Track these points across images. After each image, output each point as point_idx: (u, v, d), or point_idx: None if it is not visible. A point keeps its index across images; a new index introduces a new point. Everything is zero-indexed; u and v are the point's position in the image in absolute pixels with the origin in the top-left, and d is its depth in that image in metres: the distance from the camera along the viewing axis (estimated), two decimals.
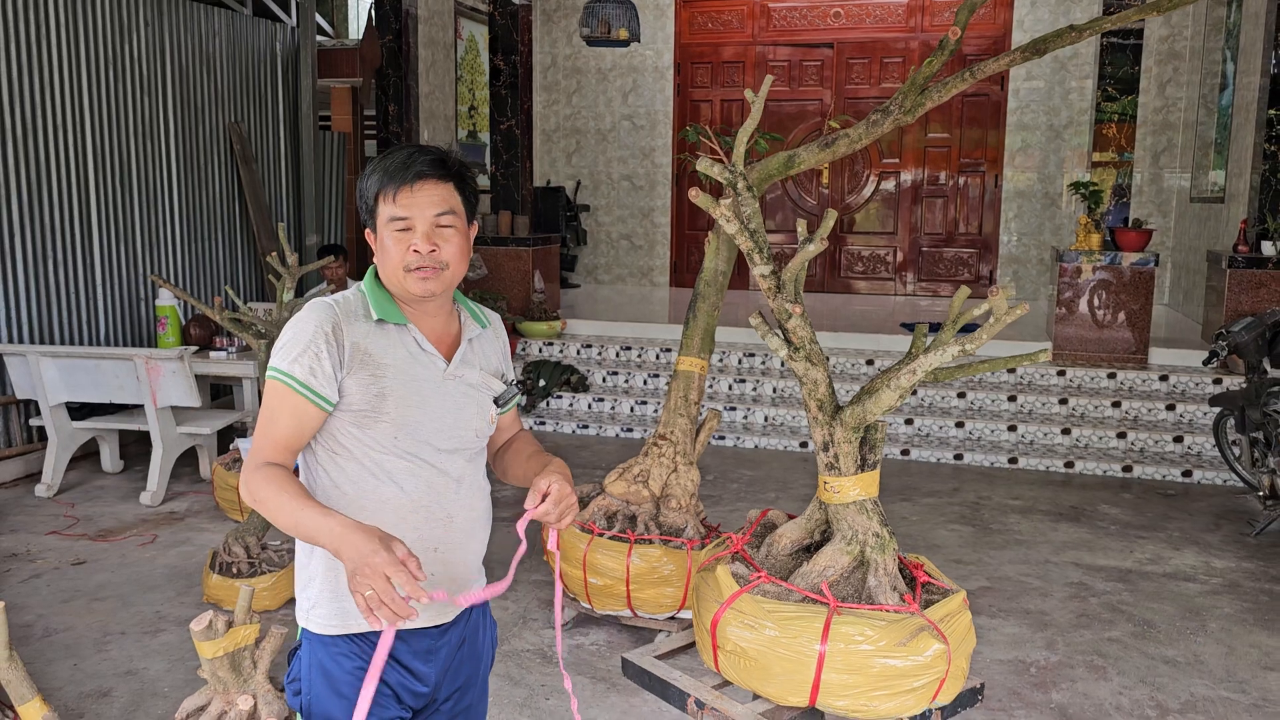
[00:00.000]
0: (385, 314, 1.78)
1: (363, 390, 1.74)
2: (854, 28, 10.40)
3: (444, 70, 10.01)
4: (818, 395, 2.28)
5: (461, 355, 1.85)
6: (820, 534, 2.41)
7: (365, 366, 1.74)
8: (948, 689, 2.21)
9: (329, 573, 1.79)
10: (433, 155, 1.78)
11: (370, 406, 1.74)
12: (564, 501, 1.74)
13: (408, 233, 1.75)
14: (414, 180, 1.74)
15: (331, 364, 1.72)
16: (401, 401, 1.76)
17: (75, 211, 6.29)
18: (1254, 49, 7.46)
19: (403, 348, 1.79)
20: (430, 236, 1.75)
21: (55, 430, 5.62)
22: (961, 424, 6.87)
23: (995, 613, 4.26)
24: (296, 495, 1.64)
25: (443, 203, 1.76)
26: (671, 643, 2.53)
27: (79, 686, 3.53)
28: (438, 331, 1.85)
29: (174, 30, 7.02)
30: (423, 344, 1.80)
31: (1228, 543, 5.16)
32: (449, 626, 1.88)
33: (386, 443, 1.76)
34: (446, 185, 1.77)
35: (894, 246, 10.67)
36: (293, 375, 1.70)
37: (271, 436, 1.72)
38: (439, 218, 1.75)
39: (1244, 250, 7.07)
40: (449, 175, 1.78)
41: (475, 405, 1.85)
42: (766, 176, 3.93)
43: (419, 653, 1.84)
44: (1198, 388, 6.84)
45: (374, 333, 1.77)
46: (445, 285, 1.78)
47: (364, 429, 1.75)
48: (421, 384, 1.79)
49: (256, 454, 1.73)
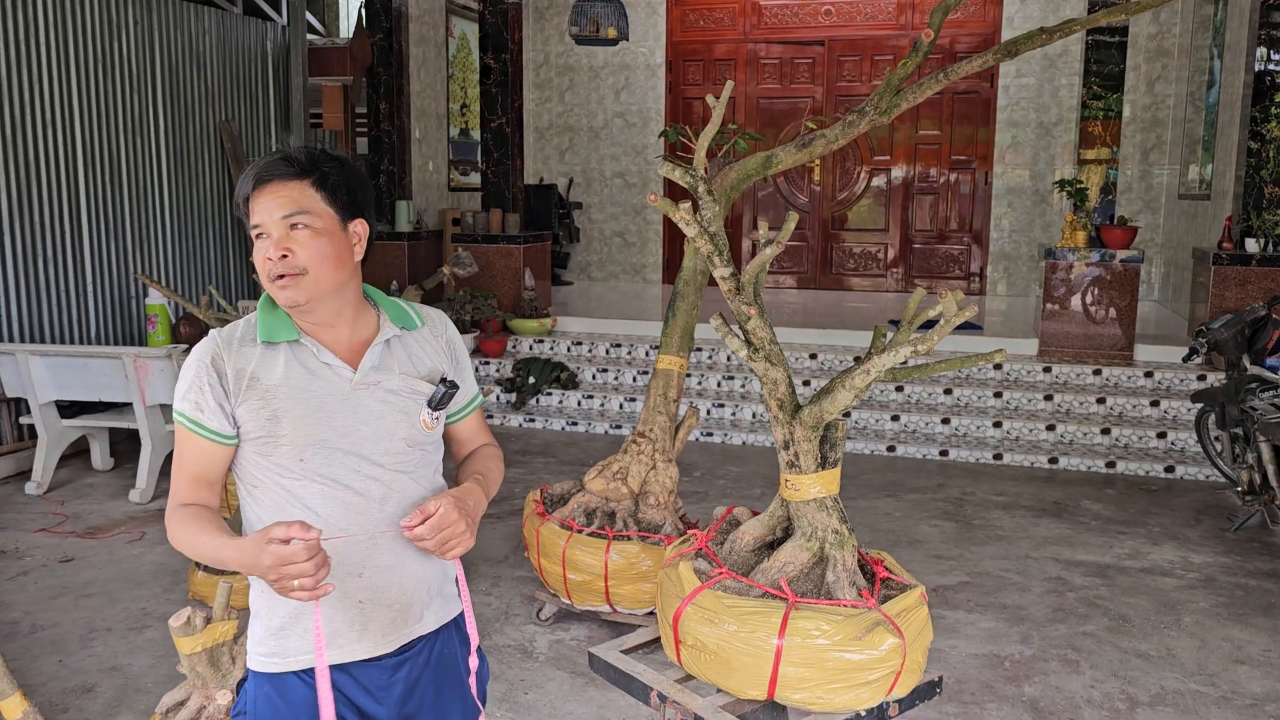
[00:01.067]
0: (271, 334, 1.70)
1: (254, 416, 1.67)
2: (845, 25, 10.43)
3: (435, 68, 10.04)
4: (778, 395, 2.32)
5: (374, 360, 1.74)
6: (782, 531, 2.46)
7: (253, 391, 1.67)
8: (904, 682, 2.25)
9: (266, 610, 1.75)
10: (282, 154, 1.68)
11: (266, 432, 1.67)
12: (445, 529, 1.60)
13: (265, 240, 1.66)
14: (257, 184, 1.66)
15: (215, 397, 1.66)
16: (299, 421, 1.67)
17: (65, 209, 6.33)
18: (1239, 46, 7.49)
19: (297, 364, 1.70)
20: (281, 241, 1.64)
21: (45, 428, 5.66)
22: (947, 420, 6.91)
23: (973, 607, 4.31)
24: (208, 530, 1.62)
25: (291, 204, 1.65)
26: (638, 637, 2.58)
27: (63, 682, 3.57)
28: (345, 340, 1.74)
29: (163, 28, 7.06)
30: (321, 356, 1.71)
31: (1207, 538, 5.20)
32: (403, 661, 1.77)
33: (293, 466, 1.68)
34: (297, 184, 1.66)
35: (885, 243, 10.71)
36: (183, 413, 1.68)
37: (181, 476, 1.70)
38: (288, 219, 1.64)
39: (1229, 247, 7.11)
40: (299, 174, 1.66)
41: (398, 413, 1.73)
42: (745, 177, 3.97)
43: (369, 689, 1.75)
44: (1182, 384, 6.88)
45: (262, 355, 1.69)
46: (310, 292, 1.67)
47: (267, 456, 1.68)
48: (323, 399, 1.69)
49: (172, 498, 1.72)
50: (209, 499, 1.70)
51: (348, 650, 1.72)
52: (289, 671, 1.73)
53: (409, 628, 1.77)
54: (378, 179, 9.13)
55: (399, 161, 9.14)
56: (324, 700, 1.64)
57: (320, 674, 1.65)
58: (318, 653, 1.65)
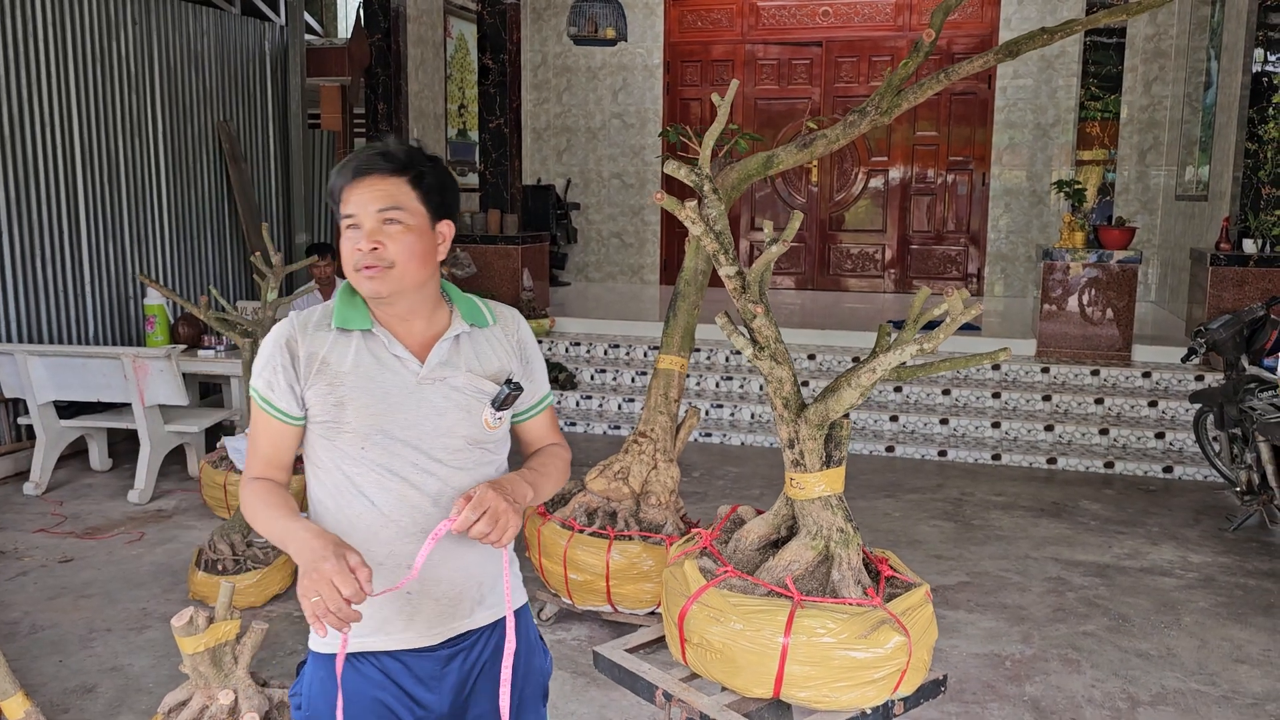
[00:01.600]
0: (346, 321, 1.73)
1: (321, 401, 1.70)
2: (843, 26, 10.44)
3: (433, 69, 10.03)
4: (783, 393, 2.32)
5: (441, 356, 1.75)
6: (787, 529, 2.46)
7: (322, 376, 1.70)
8: (909, 680, 2.26)
9: None
10: (381, 149, 1.71)
11: (331, 417, 1.70)
12: (486, 507, 1.59)
13: (356, 230, 1.69)
14: (355, 176, 1.69)
15: (286, 378, 1.70)
16: (363, 410, 1.69)
17: (63, 210, 6.32)
18: (1236, 48, 7.51)
19: (368, 353, 1.72)
20: (373, 234, 1.67)
21: (43, 429, 5.65)
22: (946, 420, 6.92)
23: (973, 607, 4.31)
24: (274, 506, 1.66)
25: (386, 198, 1.68)
26: (641, 637, 2.58)
27: (64, 682, 3.57)
28: (418, 334, 1.76)
29: (162, 29, 7.05)
30: (392, 348, 1.73)
31: (1205, 538, 5.21)
32: (456, 653, 1.78)
33: (354, 454, 1.70)
34: (394, 180, 1.69)
35: (883, 244, 10.72)
36: (258, 389, 1.73)
37: (254, 452, 1.76)
38: (382, 213, 1.68)
39: (1226, 248, 7.13)
40: (397, 170, 1.70)
41: (460, 409, 1.74)
42: (746, 176, 3.98)
43: (421, 678, 1.76)
44: (1180, 384, 6.90)
45: (335, 341, 1.72)
46: (394, 285, 1.70)
47: (331, 440, 1.71)
48: (389, 390, 1.71)
49: (246, 471, 1.77)
50: (278, 475, 1.75)
51: (395, 638, 1.75)
52: (347, 653, 1.74)
53: (456, 622, 1.78)
54: None
55: None
56: (340, 655, 1.66)
57: (339, 658, 1.67)
58: (342, 644, 1.66)
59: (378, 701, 1.74)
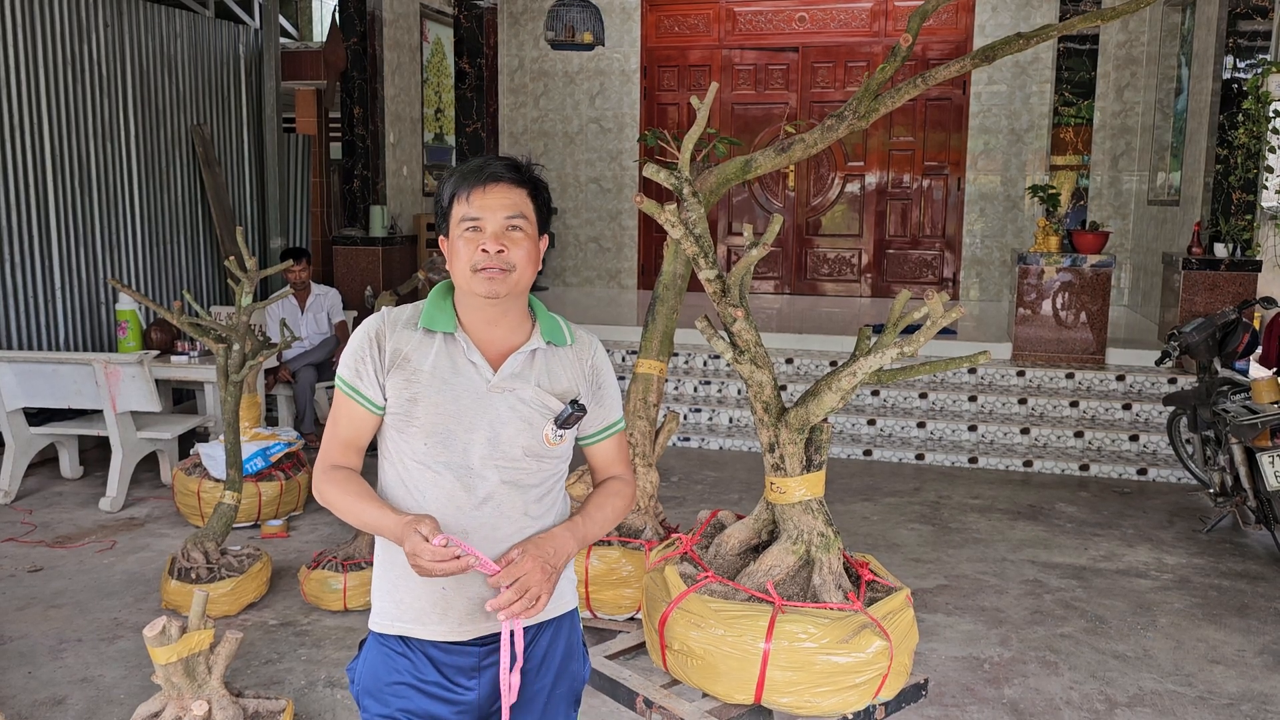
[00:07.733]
0: (431, 322, 1.82)
1: (397, 395, 1.80)
2: (819, 32, 10.48)
3: (409, 73, 9.98)
4: (763, 397, 2.31)
5: (514, 368, 1.82)
6: (768, 534, 2.45)
7: (402, 371, 1.80)
8: (890, 684, 2.25)
9: (384, 571, 1.87)
10: (508, 161, 1.84)
11: (403, 411, 1.79)
12: (524, 590, 1.69)
13: (478, 233, 1.78)
14: (487, 182, 1.79)
15: (374, 367, 1.80)
16: (432, 409, 1.78)
17: (33, 214, 6.23)
18: (1206, 55, 7.60)
19: (446, 356, 1.81)
20: (499, 237, 1.77)
21: (13, 436, 5.56)
22: (923, 424, 6.95)
23: (951, 610, 4.33)
24: (358, 494, 1.77)
25: (514, 206, 1.80)
26: (622, 643, 2.56)
27: (33, 694, 3.50)
28: (497, 343, 1.84)
29: (134, 31, 6.97)
30: (469, 353, 1.81)
31: (1180, 539, 5.26)
32: (493, 650, 1.83)
33: (418, 450, 1.80)
34: (519, 191, 1.82)
35: (859, 249, 10.76)
36: (344, 379, 1.83)
37: (333, 438, 1.85)
38: (509, 220, 1.79)
39: (1198, 252, 7.20)
40: (522, 182, 1.82)
41: (522, 421, 1.81)
42: (724, 181, 3.97)
43: (462, 669, 1.84)
44: (1154, 387, 6.96)
45: (419, 340, 1.82)
46: (511, 288, 1.79)
47: (401, 433, 1.81)
48: (459, 394, 1.79)
49: (322, 458, 1.86)
50: (355, 463, 1.85)
51: (430, 629, 1.83)
52: (396, 635, 1.85)
53: (488, 621, 1.82)
54: (351, 184, 9.06)
55: (373, 166, 9.08)
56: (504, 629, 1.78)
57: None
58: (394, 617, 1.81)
59: (424, 681, 1.82)
